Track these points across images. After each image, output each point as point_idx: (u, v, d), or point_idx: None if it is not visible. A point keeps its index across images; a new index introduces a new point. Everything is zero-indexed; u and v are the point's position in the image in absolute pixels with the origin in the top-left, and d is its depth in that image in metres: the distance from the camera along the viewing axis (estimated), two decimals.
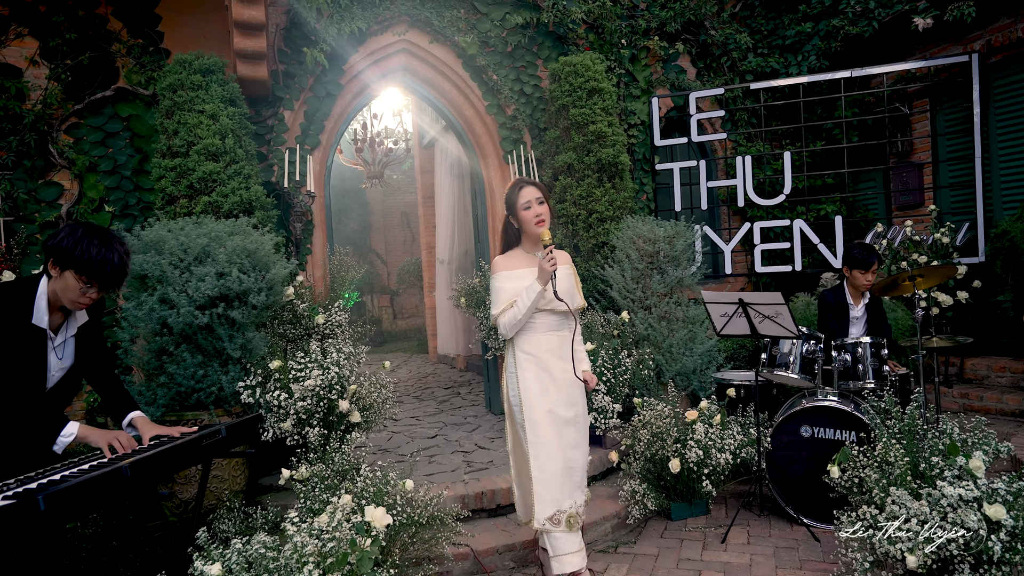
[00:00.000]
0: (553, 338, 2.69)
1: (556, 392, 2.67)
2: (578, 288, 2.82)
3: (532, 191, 2.63)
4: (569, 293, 2.67)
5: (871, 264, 3.97)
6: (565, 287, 2.63)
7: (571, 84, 5.12)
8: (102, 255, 2.16)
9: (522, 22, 5.44)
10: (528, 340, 2.68)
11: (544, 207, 2.63)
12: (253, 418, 2.65)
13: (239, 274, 3.30)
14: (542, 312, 2.65)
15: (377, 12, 5.02)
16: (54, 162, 4.17)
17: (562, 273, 2.64)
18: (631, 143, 5.93)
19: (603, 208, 5.00)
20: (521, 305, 2.57)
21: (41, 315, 2.22)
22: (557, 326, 2.70)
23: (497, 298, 2.66)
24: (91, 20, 4.28)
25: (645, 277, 4.58)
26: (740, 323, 3.61)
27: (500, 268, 2.70)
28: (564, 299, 2.58)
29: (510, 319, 2.61)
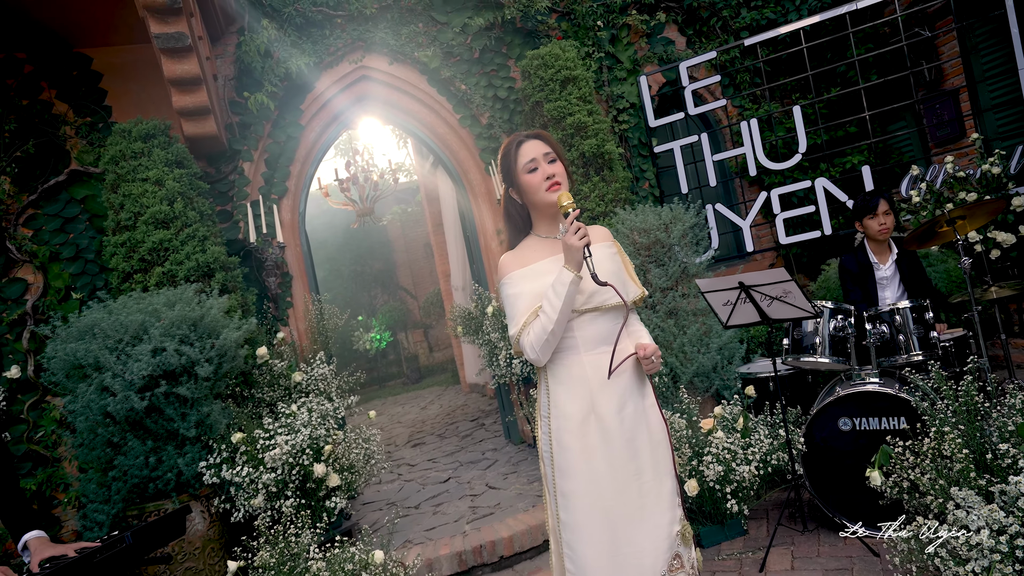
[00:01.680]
0: (605, 360, 1.73)
1: (607, 447, 1.73)
2: (629, 271, 1.94)
3: (536, 146, 1.81)
4: (618, 279, 1.80)
5: (876, 205, 3.39)
6: (608, 272, 1.75)
7: (541, 78, 4.72)
8: None
9: (485, 24, 5.10)
10: (565, 366, 1.78)
11: (557, 165, 1.80)
12: (176, 512, 2.34)
13: (178, 347, 3.05)
14: (583, 316, 1.76)
15: (328, 44, 4.80)
16: (15, 258, 4.09)
17: (601, 253, 1.80)
18: (622, 129, 5.46)
19: (593, 204, 4.55)
20: (550, 310, 1.69)
21: None
22: (608, 335, 1.77)
23: (513, 310, 1.79)
24: (35, 108, 4.22)
25: (643, 272, 4.09)
26: (747, 310, 3.08)
27: (509, 268, 1.83)
28: (608, 296, 1.75)
29: (539, 335, 1.72)
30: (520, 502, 3.81)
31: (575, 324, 1.76)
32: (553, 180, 1.78)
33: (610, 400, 1.74)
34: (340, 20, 4.82)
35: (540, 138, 1.83)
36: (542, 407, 1.85)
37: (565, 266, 1.68)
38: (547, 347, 1.74)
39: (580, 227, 1.65)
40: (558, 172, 1.79)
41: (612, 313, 1.79)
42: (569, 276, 1.66)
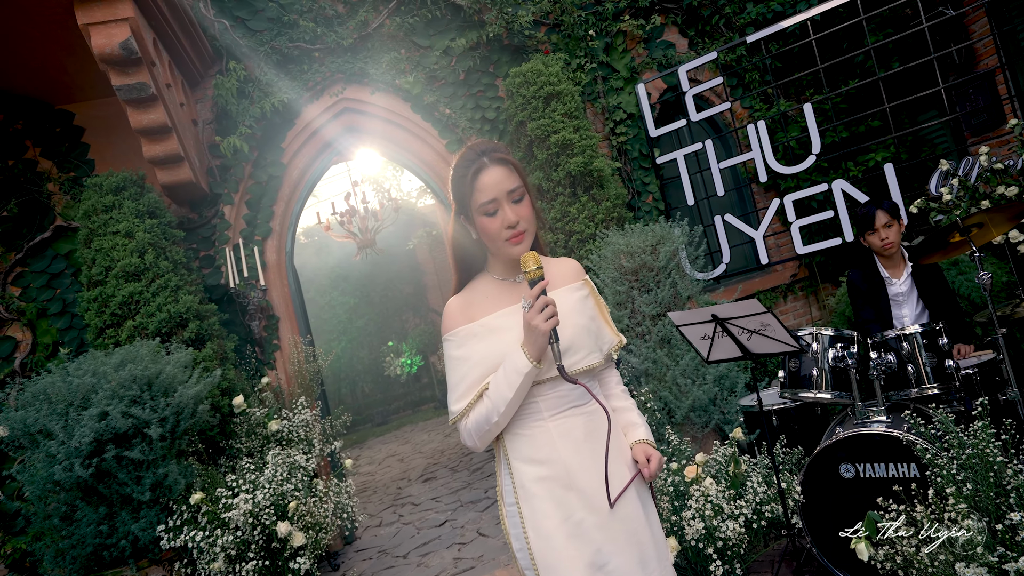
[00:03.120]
0: (576, 422, 1.42)
1: (598, 528, 1.39)
2: (603, 314, 1.58)
3: (499, 179, 1.38)
4: (588, 333, 1.46)
5: (872, 218, 2.98)
6: (577, 327, 1.43)
7: (524, 96, 4.49)
8: None
9: (469, 44, 4.92)
10: (527, 438, 1.43)
11: (524, 207, 1.41)
12: None
13: (126, 409, 2.95)
14: (545, 383, 1.42)
15: (307, 79, 4.72)
16: (3, 317, 4.15)
17: (568, 301, 1.46)
18: (620, 142, 5.15)
19: (582, 226, 4.27)
20: (498, 399, 1.36)
21: None
22: (580, 398, 1.44)
23: (456, 379, 1.44)
24: (19, 167, 4.29)
25: (631, 299, 3.77)
26: (727, 344, 2.74)
27: (454, 321, 1.47)
28: (580, 358, 1.43)
29: (479, 424, 1.40)
30: (503, 554, 3.54)
31: (535, 390, 1.42)
32: (516, 232, 1.39)
33: (589, 467, 1.40)
34: (318, 54, 4.73)
35: (505, 165, 1.39)
36: (505, 492, 1.47)
37: (523, 348, 1.32)
38: (487, 437, 1.43)
39: (548, 303, 1.30)
40: (523, 217, 1.40)
41: (580, 374, 1.44)
42: (526, 365, 1.31)
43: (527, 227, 1.42)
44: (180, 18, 4.01)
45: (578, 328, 1.43)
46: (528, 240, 1.43)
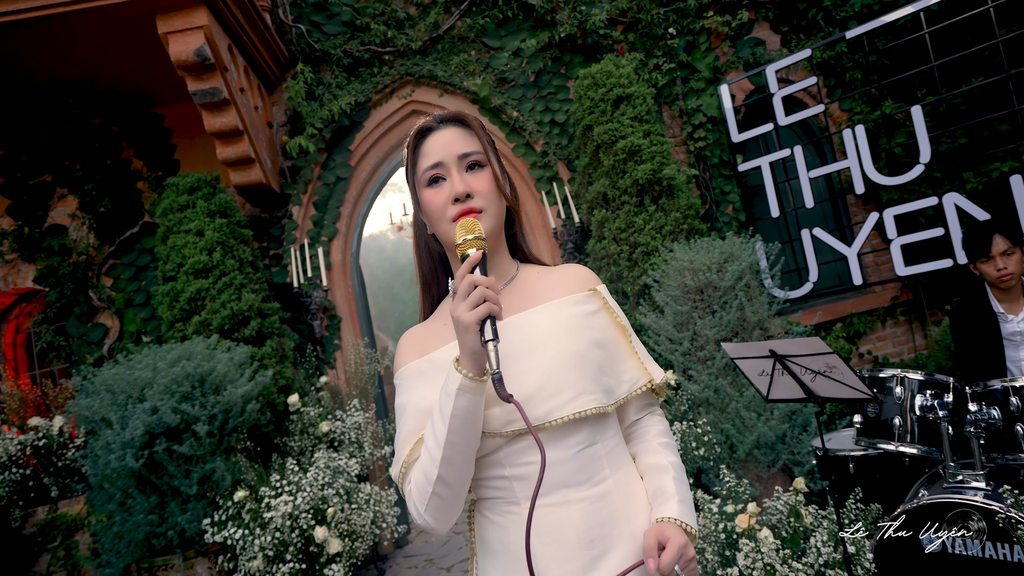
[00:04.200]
0: (570, 515, 1.00)
1: None
2: (624, 340, 1.14)
3: (446, 136, 1.08)
4: (581, 365, 1.03)
5: (988, 245, 2.52)
6: (560, 356, 1.03)
7: (592, 99, 4.27)
8: None
9: (540, 45, 4.77)
10: (496, 527, 1.05)
11: (481, 177, 1.07)
12: None
13: (176, 405, 3.05)
14: (516, 441, 1.02)
15: (376, 81, 4.75)
16: (96, 305, 4.45)
17: (553, 324, 1.06)
18: (698, 147, 4.81)
19: (647, 238, 4.00)
20: (434, 444, 0.96)
21: None
22: (582, 470, 1.03)
23: (399, 431, 1.07)
24: (116, 166, 4.59)
25: (692, 321, 3.47)
26: (788, 383, 2.42)
27: (402, 357, 1.12)
28: (562, 401, 1.00)
29: (422, 487, 0.99)
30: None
31: (502, 455, 1.01)
32: (465, 206, 1.03)
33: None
34: (388, 57, 4.74)
35: (459, 125, 1.09)
36: None
37: (455, 363, 0.94)
38: (441, 511, 0.98)
39: (476, 283, 0.90)
40: (480, 190, 1.05)
41: (572, 430, 1.01)
42: (456, 380, 0.92)
43: (484, 204, 1.05)
44: (255, 24, 4.12)
45: (561, 357, 1.01)
46: (486, 222, 1.04)
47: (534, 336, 1.05)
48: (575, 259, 4.65)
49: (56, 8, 3.45)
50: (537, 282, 1.15)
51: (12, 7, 3.42)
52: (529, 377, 1.01)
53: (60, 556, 4.12)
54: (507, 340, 1.03)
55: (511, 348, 1.03)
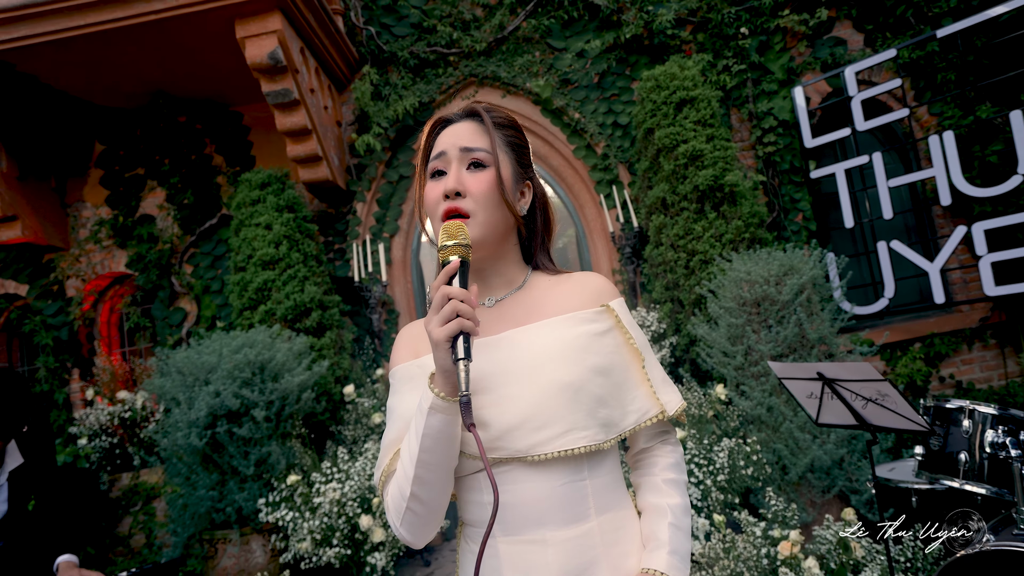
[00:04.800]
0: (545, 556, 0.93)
1: None
2: (636, 363, 1.03)
3: (458, 129, 1.02)
4: (575, 396, 0.94)
5: None
6: (551, 385, 0.94)
7: (654, 101, 4.19)
8: None
9: (604, 46, 4.71)
10: (473, 556, 0.98)
11: (480, 178, 0.98)
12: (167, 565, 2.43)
13: (237, 391, 3.24)
14: (495, 469, 0.94)
15: (440, 82, 4.84)
16: (177, 291, 4.79)
17: (550, 345, 0.97)
18: (767, 152, 4.61)
19: (705, 246, 3.88)
20: (408, 460, 0.92)
21: None
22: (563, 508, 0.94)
23: (384, 436, 1.02)
24: (199, 161, 4.91)
25: (746, 335, 3.34)
26: (838, 408, 2.29)
27: (397, 354, 1.06)
28: (552, 435, 0.92)
29: (396, 501, 0.94)
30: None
31: (480, 483, 0.96)
32: (452, 204, 0.95)
33: None
34: (453, 58, 4.82)
35: (474, 119, 1.02)
36: None
37: (429, 380, 0.89)
38: (416, 526, 0.93)
39: (450, 296, 0.83)
40: (473, 190, 0.96)
41: (558, 464, 0.93)
42: (427, 399, 0.87)
43: (474, 208, 0.95)
44: (326, 27, 4.29)
45: (554, 387, 0.92)
46: (473, 229, 0.95)
47: (529, 357, 0.96)
48: (632, 265, 4.58)
49: (151, 16, 3.72)
50: (546, 293, 1.04)
51: (113, 15, 3.72)
52: (515, 404, 0.93)
53: (140, 520, 4.48)
54: (499, 358, 0.96)
55: (502, 367, 0.96)
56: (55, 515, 2.55)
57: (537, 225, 1.10)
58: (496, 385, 0.95)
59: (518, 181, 1.04)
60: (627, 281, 4.65)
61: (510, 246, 1.07)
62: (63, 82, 4.26)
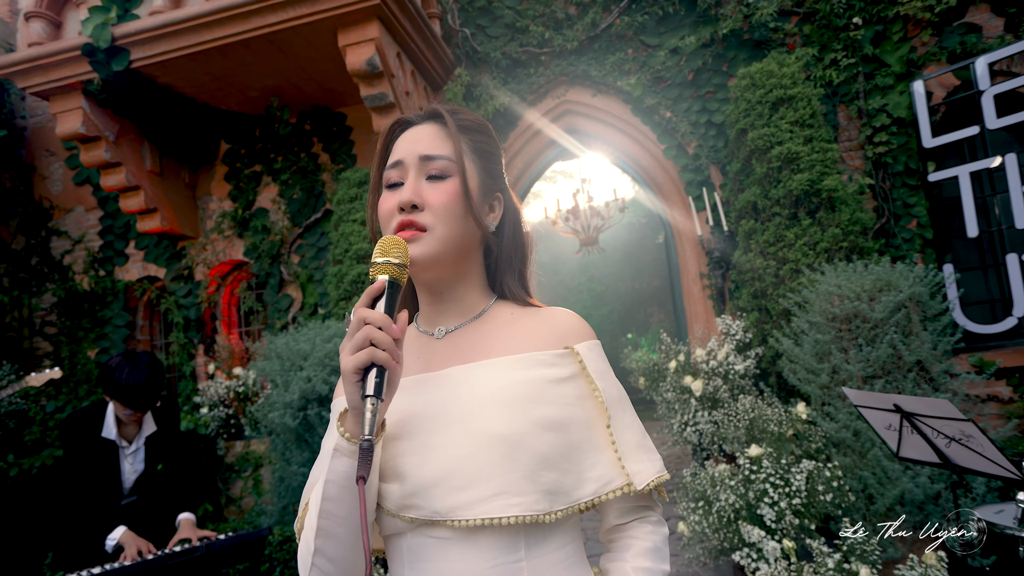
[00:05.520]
0: None
1: None
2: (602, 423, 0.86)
3: (417, 133, 0.91)
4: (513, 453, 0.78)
5: None
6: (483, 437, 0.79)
7: (748, 100, 4.00)
8: (128, 380, 2.57)
9: (699, 41, 4.55)
10: None
11: (440, 189, 0.87)
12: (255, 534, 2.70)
13: (326, 378, 3.50)
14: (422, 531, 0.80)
15: (531, 81, 4.89)
16: (285, 279, 5.22)
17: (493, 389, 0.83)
18: (878, 152, 4.25)
19: (797, 255, 3.67)
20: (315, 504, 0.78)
21: (109, 429, 2.73)
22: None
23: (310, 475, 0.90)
24: (305, 160, 5.30)
25: (833, 353, 3.12)
26: (920, 444, 2.12)
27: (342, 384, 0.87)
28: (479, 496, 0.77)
29: (303, 551, 0.80)
30: None
31: (404, 546, 0.82)
32: (406, 218, 0.85)
33: None
34: (544, 57, 4.85)
35: (437, 122, 0.92)
36: None
37: (339, 417, 0.78)
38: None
39: (365, 320, 0.73)
40: (431, 203, 0.85)
41: (489, 536, 0.78)
42: (334, 439, 0.77)
43: (432, 222, 0.84)
44: (421, 31, 4.47)
45: (485, 438, 0.78)
46: (428, 245, 0.84)
47: (465, 399, 0.82)
48: (719, 270, 4.42)
49: (265, 29, 4.06)
50: (504, 327, 0.91)
51: (233, 30, 4.09)
52: (438, 455, 0.79)
53: (248, 485, 4.97)
54: (433, 399, 0.84)
55: (434, 410, 0.82)
56: (179, 477, 2.91)
57: (505, 245, 0.96)
58: (420, 430, 0.81)
59: (486, 193, 0.92)
60: (715, 287, 4.49)
61: (472, 267, 0.93)
62: (193, 91, 4.75)
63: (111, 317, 5.56)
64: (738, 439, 3.50)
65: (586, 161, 6.45)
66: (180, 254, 5.57)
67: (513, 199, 0.99)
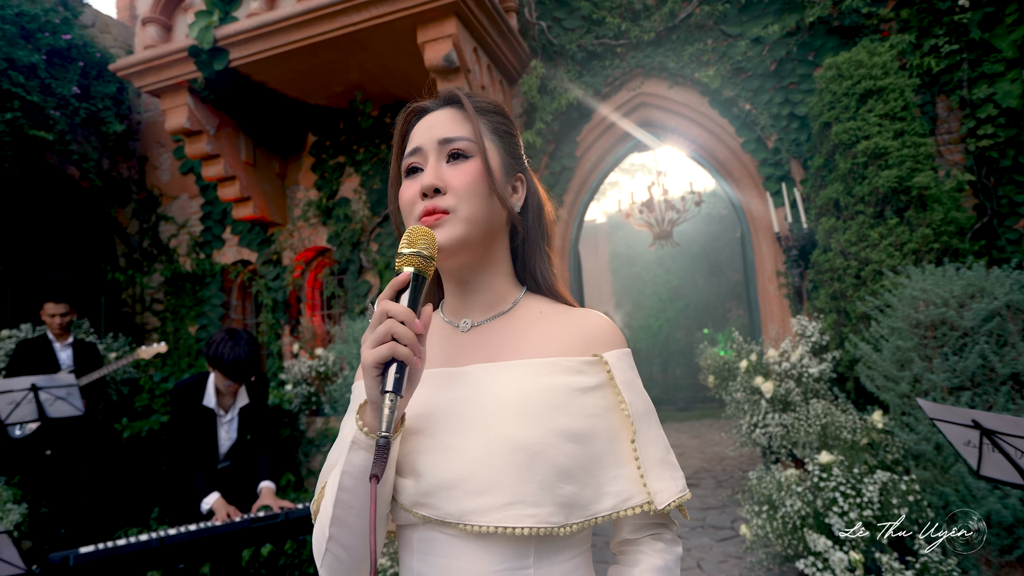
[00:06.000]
0: None
1: None
2: (626, 438, 0.82)
3: (435, 118, 0.89)
4: (530, 464, 0.76)
5: None
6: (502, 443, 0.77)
7: (833, 92, 3.81)
8: (230, 355, 2.83)
9: (784, 30, 4.36)
10: None
11: (462, 171, 0.84)
12: None
13: None
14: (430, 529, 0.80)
15: (606, 74, 4.86)
16: (364, 266, 5.48)
17: (516, 395, 0.80)
18: (981, 147, 3.94)
19: (881, 255, 3.48)
20: (331, 492, 0.79)
21: (210, 398, 3.02)
22: None
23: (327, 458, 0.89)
24: (386, 151, 5.51)
25: (915, 361, 2.96)
26: (1003, 463, 2.00)
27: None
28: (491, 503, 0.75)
29: (318, 538, 0.80)
30: None
31: (415, 538, 0.82)
32: (430, 204, 0.83)
33: None
34: (620, 50, 4.80)
35: (454, 106, 0.90)
36: None
37: (358, 410, 0.77)
38: (337, 570, 0.80)
39: (388, 313, 0.72)
40: (455, 185, 0.83)
41: (499, 543, 0.77)
42: (350, 431, 0.77)
43: (455, 204, 0.82)
44: (498, 26, 4.53)
45: (504, 446, 0.77)
46: (455, 227, 0.82)
47: (487, 401, 0.80)
48: (798, 268, 4.25)
49: (349, 28, 4.25)
50: (533, 324, 0.88)
51: (321, 29, 4.32)
52: (456, 457, 0.78)
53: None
54: (454, 397, 0.82)
55: (454, 409, 0.81)
56: (264, 447, 3.17)
57: (531, 226, 0.93)
58: (440, 429, 0.80)
59: (508, 173, 0.89)
60: (792, 285, 4.34)
61: (499, 252, 0.91)
62: (284, 87, 5.05)
63: (209, 297, 6.03)
64: (809, 444, 3.40)
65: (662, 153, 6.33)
66: (270, 240, 5.95)
67: (534, 180, 0.96)
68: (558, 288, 0.93)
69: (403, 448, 0.81)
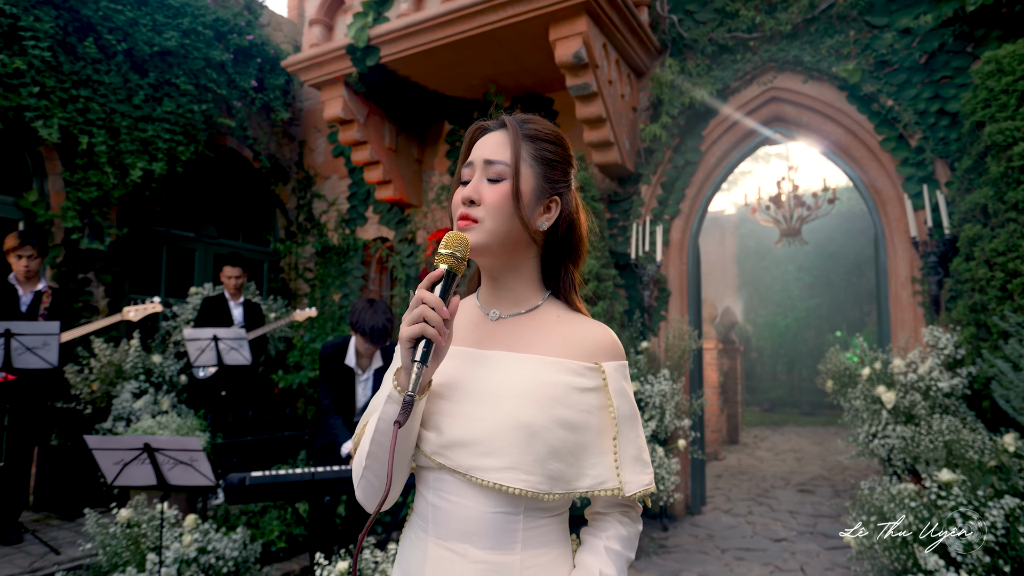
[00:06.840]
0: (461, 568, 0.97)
1: None
2: (609, 436, 0.99)
3: (489, 139, 1.04)
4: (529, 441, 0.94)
5: None
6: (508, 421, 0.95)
7: (989, 89, 3.55)
8: (370, 322, 3.28)
9: (937, 20, 4.08)
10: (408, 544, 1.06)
11: (494, 190, 1.00)
12: None
13: None
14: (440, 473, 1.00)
15: (737, 68, 4.79)
16: None
17: (528, 383, 0.98)
18: None
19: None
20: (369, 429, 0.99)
21: (351, 358, 3.50)
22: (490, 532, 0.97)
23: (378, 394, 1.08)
24: None
25: None
26: None
27: None
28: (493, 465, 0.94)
29: (357, 466, 1.01)
30: None
31: (432, 477, 1.01)
32: (465, 211, 1.00)
33: None
34: (753, 43, 4.71)
35: (505, 131, 1.04)
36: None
37: (395, 371, 0.97)
38: (370, 493, 1.00)
39: (424, 300, 0.89)
40: (487, 201, 0.99)
41: (496, 494, 0.96)
42: (386, 389, 0.97)
43: (484, 215, 0.98)
44: (628, 22, 4.63)
45: (509, 422, 0.94)
46: (477, 235, 0.98)
47: (502, 383, 0.99)
48: (936, 276, 4.01)
49: (487, 27, 4.55)
50: (550, 327, 1.04)
51: (461, 28, 4.65)
52: (471, 424, 0.97)
53: None
54: (476, 375, 1.01)
55: (475, 385, 1.00)
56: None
57: (558, 243, 1.07)
58: (461, 398, 0.99)
59: (540, 196, 1.03)
60: (928, 293, 4.10)
61: (525, 261, 1.06)
62: (425, 80, 5.48)
63: (352, 269, 6.71)
64: (933, 460, 3.27)
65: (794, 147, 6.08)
66: (406, 220, 6.49)
67: (572, 202, 1.08)
68: (573, 298, 1.09)
69: (429, 408, 1.00)
